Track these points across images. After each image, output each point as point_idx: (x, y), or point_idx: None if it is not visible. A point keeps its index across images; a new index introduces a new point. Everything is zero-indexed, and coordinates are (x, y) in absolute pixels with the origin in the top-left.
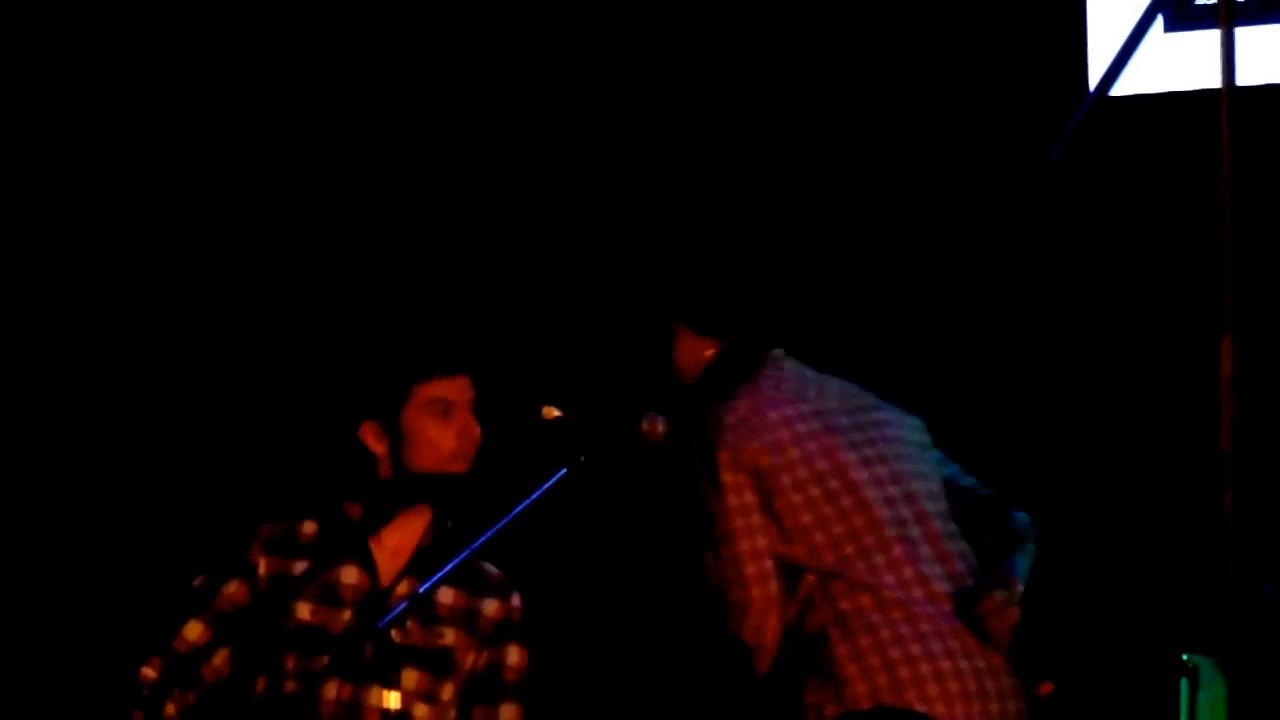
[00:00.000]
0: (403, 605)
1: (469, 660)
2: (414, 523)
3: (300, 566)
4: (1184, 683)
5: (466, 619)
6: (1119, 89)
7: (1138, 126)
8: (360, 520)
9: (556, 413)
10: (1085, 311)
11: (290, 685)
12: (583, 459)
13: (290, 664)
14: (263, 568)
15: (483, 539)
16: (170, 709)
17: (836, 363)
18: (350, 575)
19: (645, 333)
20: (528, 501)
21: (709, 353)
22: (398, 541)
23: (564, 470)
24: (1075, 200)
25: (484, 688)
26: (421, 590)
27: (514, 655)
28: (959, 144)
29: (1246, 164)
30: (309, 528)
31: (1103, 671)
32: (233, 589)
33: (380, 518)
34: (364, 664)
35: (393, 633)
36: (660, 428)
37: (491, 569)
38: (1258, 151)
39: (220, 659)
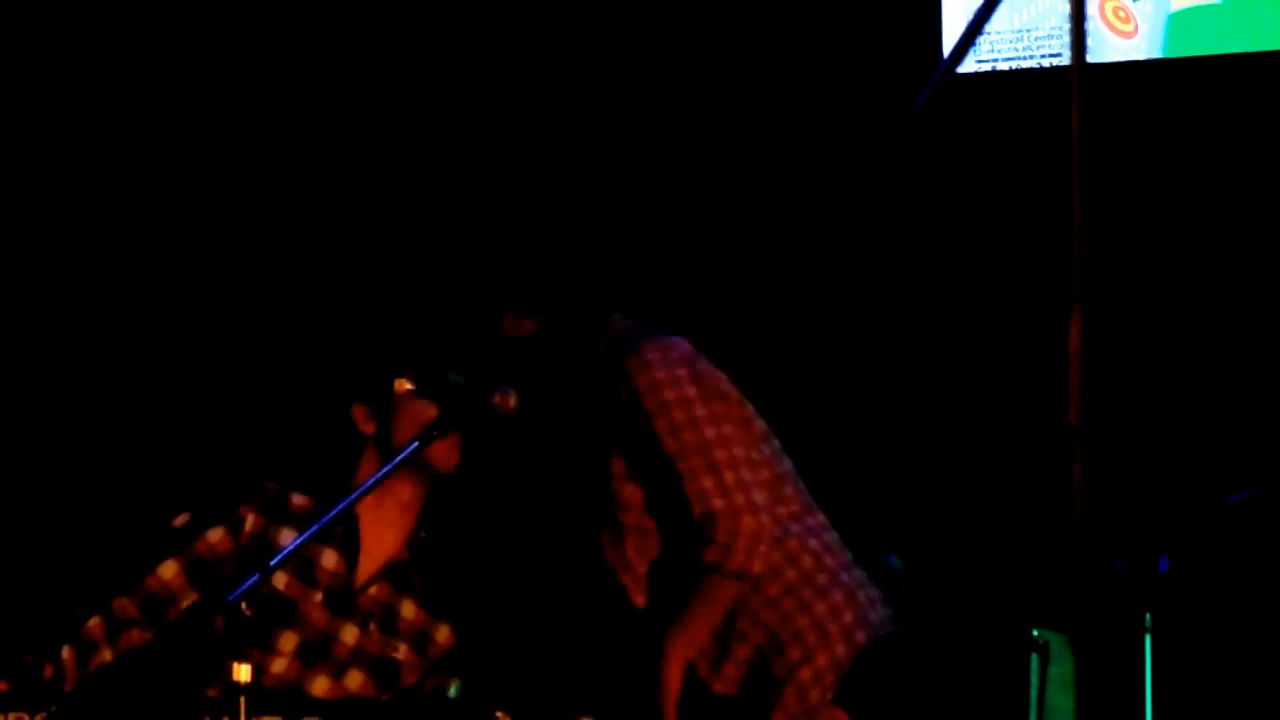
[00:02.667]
0: (253, 578)
1: (412, 676)
2: (395, 525)
3: (285, 533)
4: (1034, 658)
5: (419, 638)
6: (970, 65)
7: (988, 101)
8: (350, 508)
9: (409, 385)
10: (936, 286)
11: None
12: (435, 432)
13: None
14: (249, 523)
15: (336, 510)
16: (112, 650)
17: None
18: (330, 560)
19: (475, 318)
20: (381, 473)
21: (531, 327)
22: (377, 541)
23: (415, 443)
24: (926, 173)
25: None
26: (272, 563)
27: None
28: (811, 118)
29: (1095, 139)
30: (299, 500)
31: (953, 647)
32: (216, 536)
33: (372, 509)
34: (214, 636)
35: (242, 606)
36: (512, 401)
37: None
38: (1106, 127)
39: (187, 603)
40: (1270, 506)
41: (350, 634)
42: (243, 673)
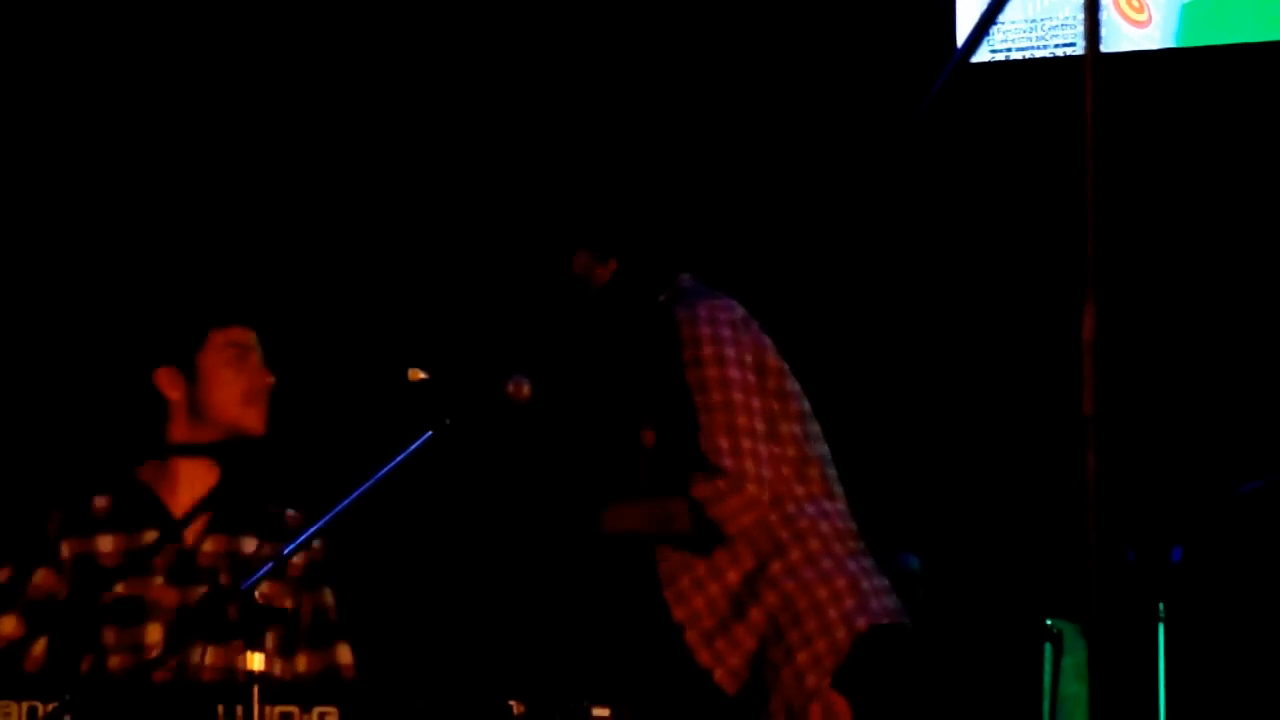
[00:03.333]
0: (268, 566)
1: (286, 602)
2: (202, 476)
3: (103, 542)
4: (1047, 647)
5: (275, 568)
6: (984, 55)
7: (1004, 90)
8: (152, 483)
9: (422, 375)
10: (949, 277)
11: (115, 661)
12: (448, 422)
13: (111, 639)
14: (65, 551)
15: (348, 500)
16: None
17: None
18: (153, 540)
19: (544, 266)
20: (392, 464)
21: (606, 273)
22: (190, 499)
23: (429, 433)
24: (942, 164)
25: (313, 633)
26: (285, 552)
27: (329, 596)
28: (825, 109)
29: (1109, 129)
30: (101, 502)
31: (966, 636)
32: (40, 578)
33: (175, 480)
34: (228, 626)
35: (256, 593)
36: (525, 389)
37: (290, 512)
38: (1120, 116)
39: (39, 648)
40: None
41: (254, 598)
42: (255, 661)
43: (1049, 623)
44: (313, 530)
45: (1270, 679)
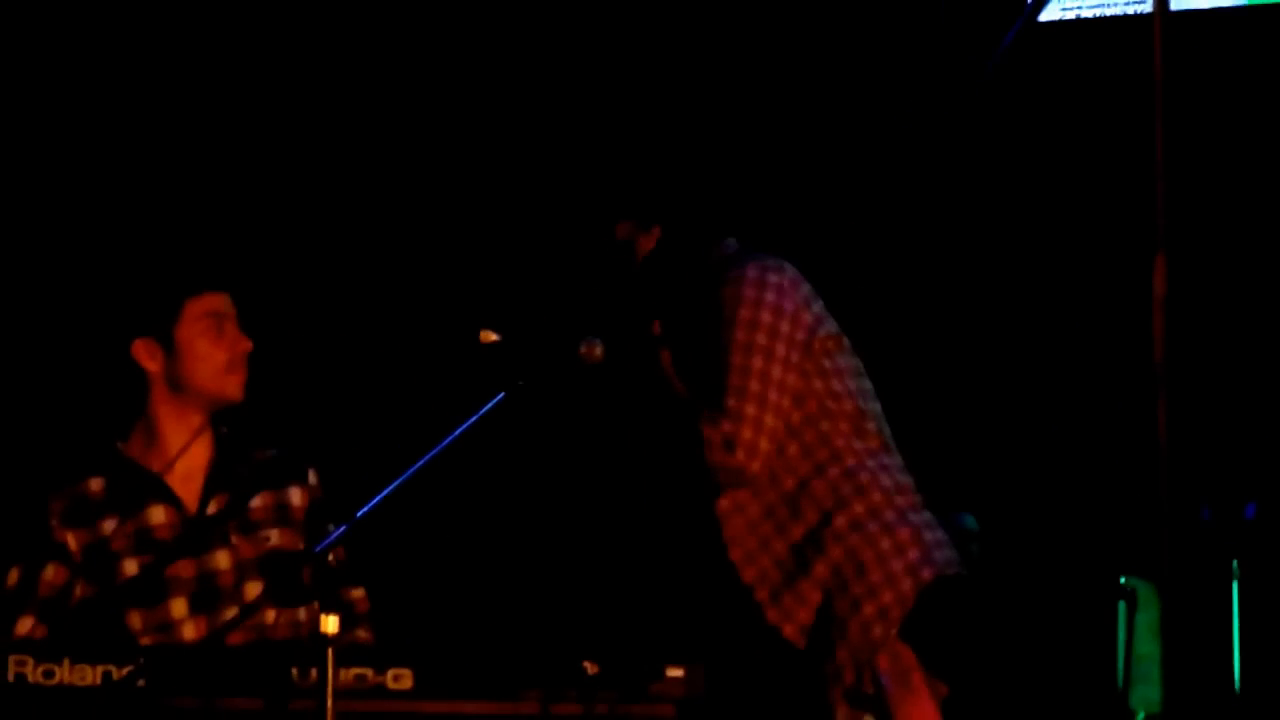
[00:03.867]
0: (341, 529)
1: (300, 545)
2: (197, 448)
3: (107, 525)
4: (1121, 605)
5: (279, 515)
6: (1053, 12)
7: (1073, 48)
8: (140, 458)
9: (494, 337)
10: (1020, 233)
11: (147, 643)
12: (521, 383)
13: (138, 622)
14: (72, 542)
15: (423, 461)
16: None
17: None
18: (158, 515)
19: (589, 237)
20: (466, 425)
21: (650, 241)
22: (186, 466)
23: (502, 394)
24: (1011, 121)
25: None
26: (359, 515)
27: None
28: (897, 64)
29: (1178, 86)
30: (96, 485)
31: (1043, 593)
32: (50, 574)
33: (162, 446)
34: (301, 589)
35: (329, 557)
36: (598, 351)
37: (276, 453)
38: (1189, 74)
39: (39, 634)
40: None
41: (223, 559)
42: (330, 624)
43: (1123, 580)
44: (389, 490)
45: None
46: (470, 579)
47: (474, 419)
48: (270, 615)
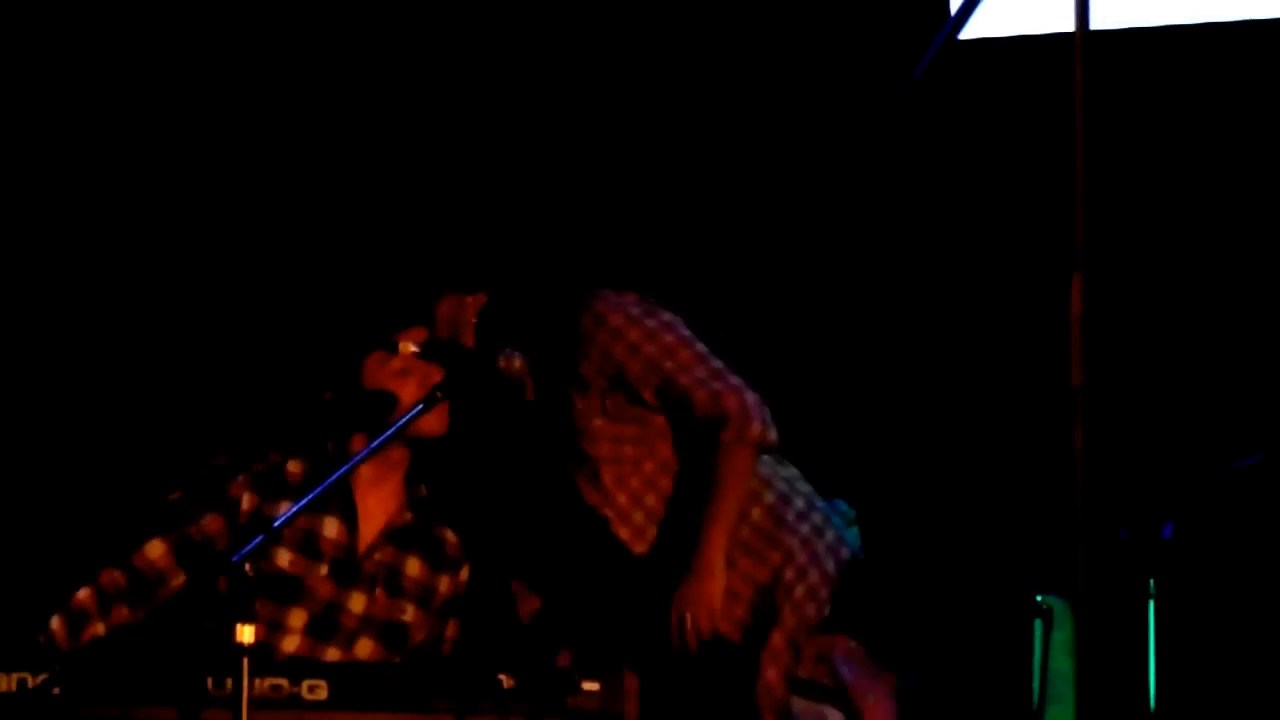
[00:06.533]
0: (258, 539)
1: (420, 635)
2: (389, 487)
3: (283, 507)
4: (1038, 623)
5: (422, 594)
6: (972, 31)
7: (993, 68)
8: (346, 469)
9: (414, 348)
10: (937, 253)
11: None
12: (439, 394)
13: (259, 610)
14: (246, 503)
15: (341, 471)
16: (103, 623)
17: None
18: (332, 528)
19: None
20: (385, 435)
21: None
22: (375, 504)
23: (420, 405)
24: (929, 140)
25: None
26: (276, 524)
27: (453, 627)
28: (816, 81)
29: (1098, 106)
30: (294, 467)
31: (956, 611)
32: (209, 522)
33: (362, 471)
34: (218, 597)
35: (246, 566)
36: (517, 363)
37: (451, 537)
38: (1109, 93)
39: (178, 582)
40: (1275, 473)
41: (358, 602)
42: (246, 634)
43: (1039, 599)
44: (303, 503)
45: (1261, 657)
46: None
47: (392, 430)
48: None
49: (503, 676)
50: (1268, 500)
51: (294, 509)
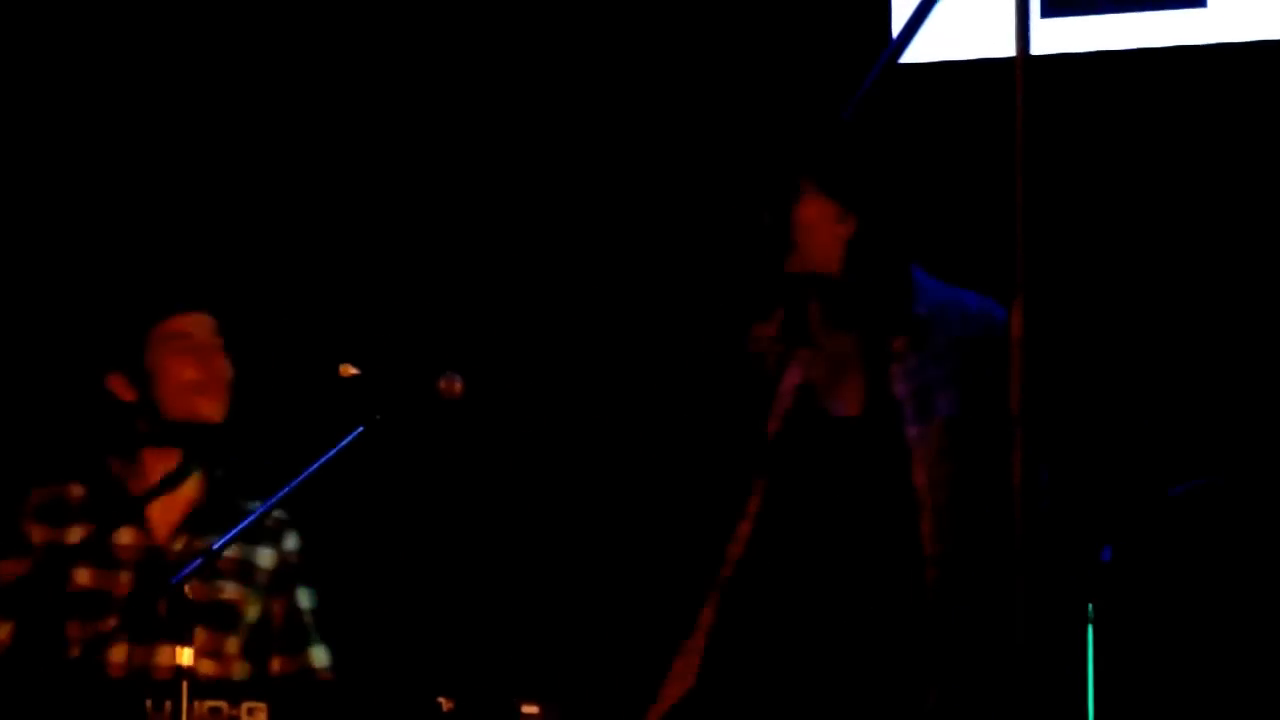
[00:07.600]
0: (197, 561)
1: (250, 612)
2: (179, 475)
3: (75, 532)
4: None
5: (243, 571)
6: (915, 55)
7: (934, 91)
8: (127, 478)
9: (354, 371)
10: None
11: (75, 651)
12: (379, 417)
13: (74, 631)
14: (36, 536)
15: (278, 496)
16: None
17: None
18: (126, 536)
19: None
20: (324, 459)
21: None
22: (169, 498)
23: (360, 428)
24: (868, 163)
25: (286, 637)
26: (215, 546)
27: (304, 599)
28: (758, 102)
29: (1039, 130)
30: (77, 490)
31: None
32: (9, 564)
33: (145, 473)
34: (156, 622)
35: (185, 589)
36: (457, 386)
37: (262, 508)
38: (1050, 118)
39: (4, 632)
40: (1213, 498)
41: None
42: (184, 656)
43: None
44: (242, 527)
45: (1198, 681)
46: (326, 613)
47: (332, 453)
48: (120, 652)
49: (442, 699)
50: (1204, 525)
51: (245, 523)
